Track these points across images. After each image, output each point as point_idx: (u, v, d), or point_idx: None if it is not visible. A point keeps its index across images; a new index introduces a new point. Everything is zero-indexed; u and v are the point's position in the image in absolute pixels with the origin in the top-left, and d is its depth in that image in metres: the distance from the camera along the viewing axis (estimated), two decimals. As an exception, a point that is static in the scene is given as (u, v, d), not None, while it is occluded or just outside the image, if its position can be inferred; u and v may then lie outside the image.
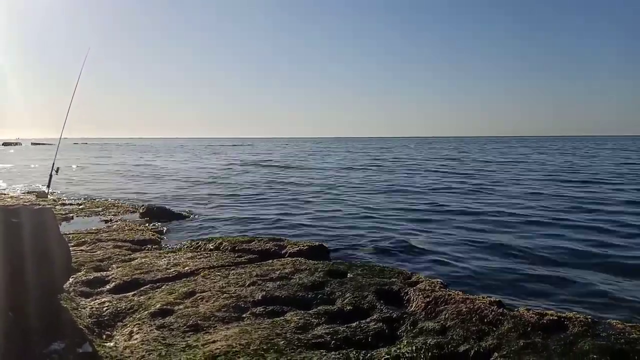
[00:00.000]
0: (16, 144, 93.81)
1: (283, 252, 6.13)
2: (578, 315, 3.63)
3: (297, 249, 6.16)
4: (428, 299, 4.01)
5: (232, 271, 5.06)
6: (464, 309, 3.75)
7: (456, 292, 4.19)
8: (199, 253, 6.06)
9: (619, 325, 3.47)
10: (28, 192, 13.09)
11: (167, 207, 10.34)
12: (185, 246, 6.80)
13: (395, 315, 3.80)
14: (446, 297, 4.03)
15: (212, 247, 6.46)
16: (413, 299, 4.10)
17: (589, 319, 3.55)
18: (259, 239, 6.75)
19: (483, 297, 4.05)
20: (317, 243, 6.58)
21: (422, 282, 4.53)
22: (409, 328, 3.62)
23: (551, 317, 3.59)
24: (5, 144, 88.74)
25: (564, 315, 3.64)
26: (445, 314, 3.74)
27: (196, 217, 10.07)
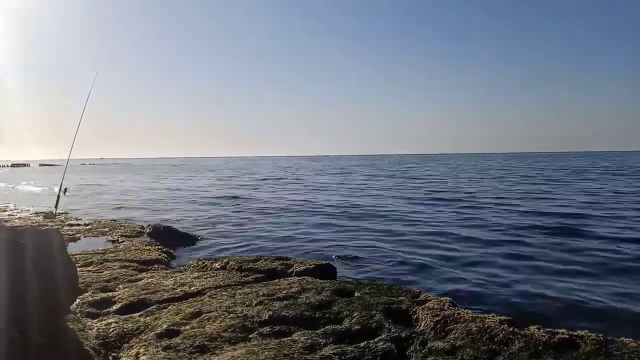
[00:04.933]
0: (25, 165, 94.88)
1: (289, 271, 6.09)
2: (590, 334, 3.56)
3: (304, 267, 6.12)
4: (437, 318, 3.96)
5: (239, 291, 5.03)
6: (474, 328, 3.69)
7: (465, 311, 4.14)
8: (205, 273, 6.04)
9: (632, 344, 3.40)
10: (36, 213, 13.16)
11: (173, 227, 10.35)
12: (191, 266, 6.78)
13: (403, 334, 3.75)
14: (455, 316, 3.97)
15: (218, 267, 6.43)
16: (422, 318, 4.05)
17: (602, 338, 3.48)
18: (265, 258, 6.72)
19: (493, 316, 3.99)
20: (324, 262, 6.54)
21: (430, 300, 4.48)
22: (418, 348, 3.56)
23: (563, 336, 3.53)
24: (14, 165, 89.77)
25: (575, 333, 3.58)
26: (455, 334, 3.68)
27: (203, 236, 10.07)
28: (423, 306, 4.28)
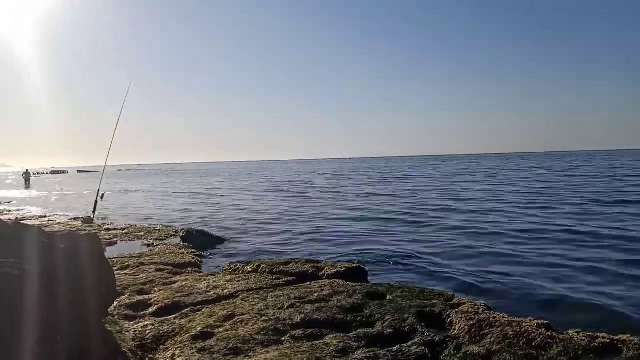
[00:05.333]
0: (63, 172, 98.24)
1: (320, 274, 6.10)
2: (633, 338, 3.43)
3: (335, 270, 6.11)
4: (472, 322, 3.88)
5: (271, 294, 5.06)
6: (510, 333, 3.61)
7: (501, 315, 4.05)
8: (237, 276, 6.10)
9: (679, 349, 3.26)
10: (74, 218, 13.59)
11: (206, 230, 10.52)
12: (224, 269, 6.87)
13: (437, 338, 3.69)
14: (491, 319, 3.89)
15: (250, 270, 6.49)
16: (456, 322, 3.98)
17: (645, 343, 3.36)
18: (296, 260, 6.74)
19: (530, 320, 3.89)
20: (354, 264, 6.52)
21: (464, 304, 4.40)
22: (452, 352, 3.51)
23: (603, 340, 3.41)
24: (53, 172, 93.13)
25: (617, 337, 3.46)
26: (491, 338, 3.61)
27: (235, 239, 10.19)
28: (457, 310, 4.21)
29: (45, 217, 14.65)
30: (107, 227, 11.95)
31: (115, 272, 5.15)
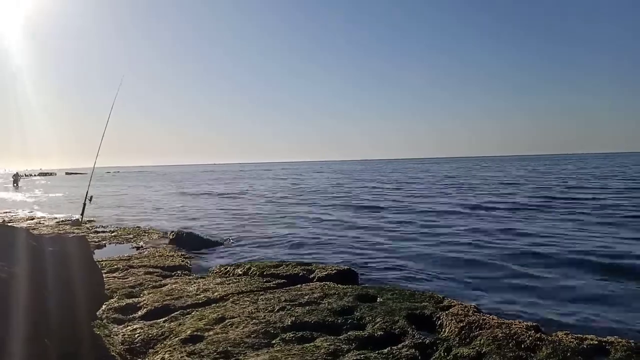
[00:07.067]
0: (52, 174, 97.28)
1: (311, 276, 6.09)
2: (620, 340, 3.47)
3: (326, 273, 6.11)
4: (462, 324, 3.90)
5: (261, 296, 5.05)
6: (500, 334, 3.63)
7: (491, 317, 4.08)
8: (227, 278, 6.08)
9: (665, 350, 3.30)
10: (63, 221, 13.45)
11: (195, 233, 10.45)
12: (214, 272, 6.83)
13: (427, 341, 3.71)
14: (480, 321, 3.91)
15: (240, 273, 6.46)
16: (446, 324, 4.00)
17: (633, 344, 3.40)
18: (287, 263, 6.73)
19: (519, 322, 3.92)
20: (345, 267, 6.52)
21: (454, 306, 4.42)
22: (442, 354, 3.52)
23: (592, 342, 3.45)
24: (41, 174, 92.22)
25: (605, 339, 3.50)
26: (481, 340, 3.63)
27: (224, 242, 10.15)
28: (447, 312, 4.23)
29: (33, 219, 14.48)
30: (95, 229, 11.84)
31: (104, 275, 5.10)
